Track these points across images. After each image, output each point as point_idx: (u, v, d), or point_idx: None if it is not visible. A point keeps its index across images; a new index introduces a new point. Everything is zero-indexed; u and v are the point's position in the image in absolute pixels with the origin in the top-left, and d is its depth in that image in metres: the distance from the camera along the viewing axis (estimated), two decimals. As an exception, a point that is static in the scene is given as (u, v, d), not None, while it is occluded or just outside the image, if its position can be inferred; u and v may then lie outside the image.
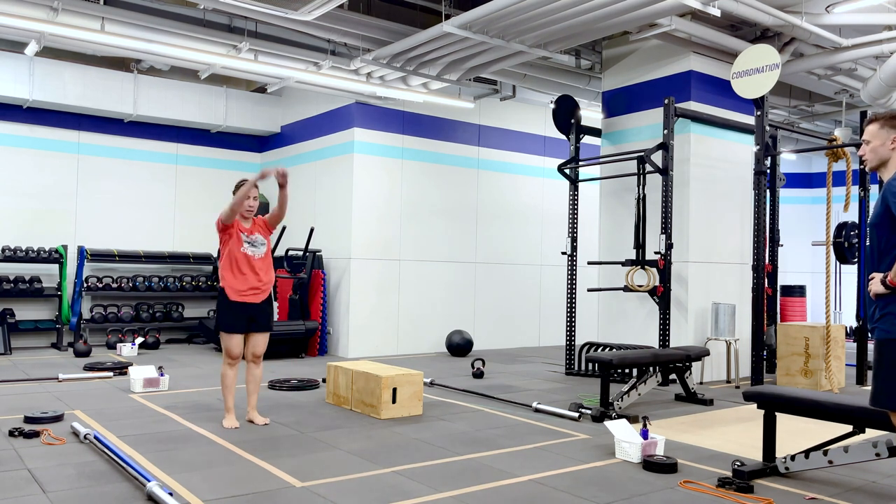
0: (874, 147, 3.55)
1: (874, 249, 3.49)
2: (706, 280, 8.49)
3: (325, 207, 10.72)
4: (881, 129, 3.53)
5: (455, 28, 7.42)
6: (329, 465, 4.53)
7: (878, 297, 3.36)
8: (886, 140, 3.52)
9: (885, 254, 3.41)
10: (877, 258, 3.46)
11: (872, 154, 3.57)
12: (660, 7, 6.68)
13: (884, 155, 3.54)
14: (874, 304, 3.39)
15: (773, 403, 4.43)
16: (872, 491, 4.23)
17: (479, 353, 10.35)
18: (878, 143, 3.54)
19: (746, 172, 8.63)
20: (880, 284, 3.33)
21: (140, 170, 11.37)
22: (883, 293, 3.33)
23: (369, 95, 10.04)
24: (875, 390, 3.38)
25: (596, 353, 8.01)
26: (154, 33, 8.06)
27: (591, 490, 4.13)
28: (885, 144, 3.52)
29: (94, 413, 5.88)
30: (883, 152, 3.54)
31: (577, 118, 9.21)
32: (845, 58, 8.35)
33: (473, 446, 5.09)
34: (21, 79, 9.88)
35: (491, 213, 11.64)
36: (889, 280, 3.30)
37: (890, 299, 3.32)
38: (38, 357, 9.25)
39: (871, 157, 3.58)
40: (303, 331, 9.68)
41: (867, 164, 3.62)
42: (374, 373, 6.10)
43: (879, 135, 3.53)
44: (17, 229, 10.33)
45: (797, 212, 15.01)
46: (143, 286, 10.88)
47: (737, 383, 8.19)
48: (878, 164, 3.57)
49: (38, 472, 4.22)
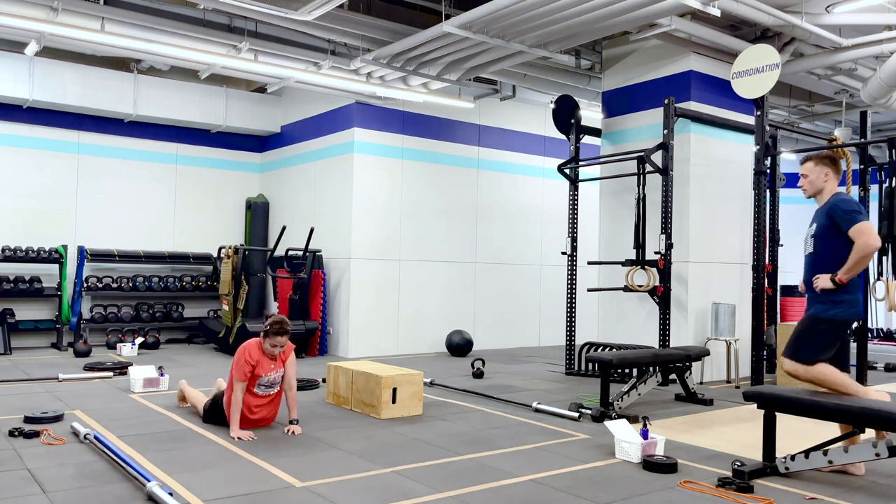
0: (811, 180, 4.62)
1: (817, 256, 4.51)
2: (706, 280, 8.49)
3: (325, 207, 10.71)
4: (816, 167, 4.61)
5: (455, 28, 7.42)
6: (329, 465, 4.53)
7: (823, 291, 4.41)
8: (820, 174, 4.60)
9: (831, 260, 4.40)
10: (820, 263, 4.48)
11: (810, 185, 4.64)
12: (660, 7, 6.68)
13: (818, 186, 4.62)
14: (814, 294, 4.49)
15: (773, 403, 4.43)
16: (872, 491, 4.23)
17: (479, 353, 10.35)
18: (814, 176, 4.62)
19: (746, 172, 8.63)
20: (829, 282, 4.36)
21: (140, 170, 11.37)
22: (830, 288, 4.37)
23: (369, 95, 10.04)
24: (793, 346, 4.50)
25: (596, 353, 8.01)
26: (154, 33, 8.06)
27: (591, 490, 4.13)
28: (820, 178, 4.61)
29: (94, 413, 5.88)
30: (818, 184, 4.62)
31: (577, 118, 9.20)
32: (845, 58, 8.35)
33: (473, 446, 5.09)
34: (21, 79, 9.88)
35: (491, 213, 11.64)
36: (838, 279, 4.33)
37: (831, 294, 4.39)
38: (38, 357, 9.24)
39: (809, 188, 4.65)
40: (303, 331, 9.68)
41: (805, 193, 4.68)
42: (373, 373, 6.10)
43: (815, 170, 4.62)
44: (17, 229, 10.32)
45: (797, 212, 14.98)
46: (143, 286, 10.88)
47: (737, 383, 8.19)
48: (815, 193, 4.65)
49: (38, 472, 4.22)
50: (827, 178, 4.60)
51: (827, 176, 4.60)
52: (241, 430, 5.16)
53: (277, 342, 5.33)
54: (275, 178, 12.09)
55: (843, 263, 4.34)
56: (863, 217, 4.39)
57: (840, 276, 4.33)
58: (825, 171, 4.60)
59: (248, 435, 5.12)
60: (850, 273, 4.33)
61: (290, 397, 5.47)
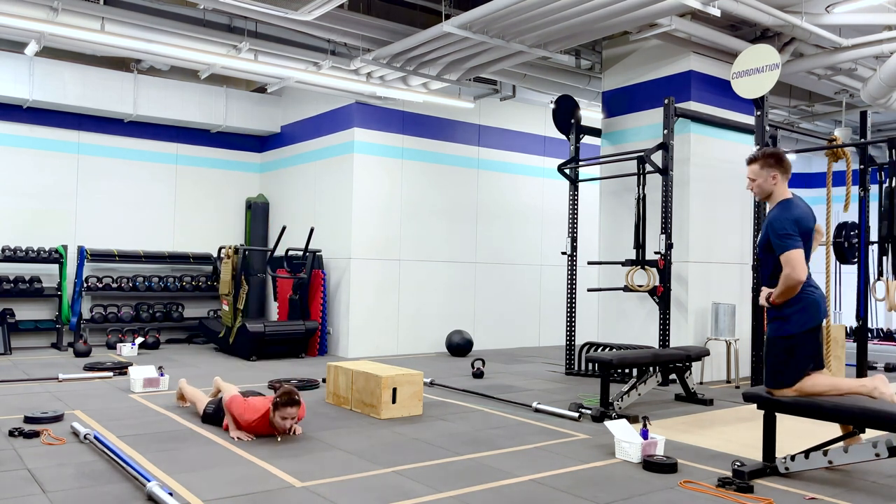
0: (759, 184, 4.33)
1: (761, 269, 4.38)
2: (706, 280, 8.49)
3: (325, 207, 10.71)
4: (762, 169, 4.30)
5: (455, 28, 7.42)
6: (329, 465, 4.53)
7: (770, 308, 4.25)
8: (767, 177, 4.29)
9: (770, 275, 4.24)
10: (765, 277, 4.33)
11: (758, 189, 4.35)
12: (660, 7, 6.68)
13: (767, 189, 4.32)
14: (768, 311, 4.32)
15: (773, 404, 4.43)
16: (872, 491, 4.23)
17: (479, 353, 10.35)
18: (760, 180, 4.33)
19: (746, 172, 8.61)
20: (765, 300, 4.24)
21: (140, 170, 11.37)
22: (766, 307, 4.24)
23: (369, 95, 10.04)
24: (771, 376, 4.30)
25: (596, 353, 8.01)
26: (154, 33, 8.06)
27: (591, 490, 4.13)
28: (767, 180, 4.30)
29: (94, 413, 5.88)
30: (766, 187, 4.32)
31: (577, 118, 9.20)
32: (845, 58, 8.35)
33: (473, 446, 5.09)
34: (21, 79, 9.88)
35: (491, 213, 11.64)
36: (772, 300, 4.19)
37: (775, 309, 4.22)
38: (38, 357, 9.24)
39: (757, 191, 4.37)
40: (303, 331, 9.68)
41: (756, 197, 4.45)
42: (373, 373, 6.10)
43: (761, 173, 4.31)
44: (17, 229, 10.32)
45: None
46: (143, 286, 10.88)
47: (737, 383, 8.19)
48: (764, 198, 4.38)
49: (38, 472, 4.22)
50: (775, 180, 4.30)
51: (775, 178, 4.30)
52: (240, 431, 5.16)
53: (288, 414, 4.94)
54: (275, 178, 12.09)
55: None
56: (794, 243, 4.08)
57: (773, 298, 4.19)
58: (772, 172, 4.30)
59: (248, 435, 5.12)
60: (780, 299, 4.17)
61: None
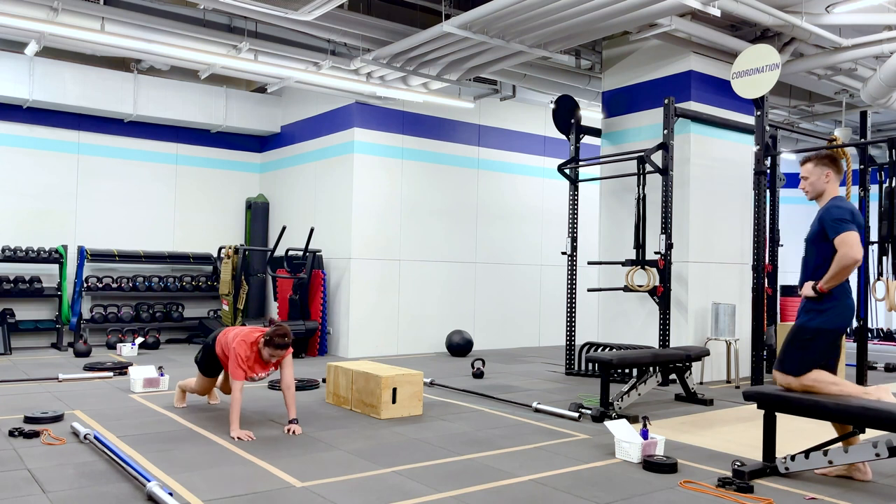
0: (812, 182, 4.47)
1: (807, 262, 4.42)
2: (706, 280, 8.49)
3: (325, 207, 10.71)
4: (816, 167, 4.46)
5: (455, 28, 7.42)
6: (329, 465, 4.53)
7: (808, 299, 4.34)
8: (821, 176, 4.45)
9: (818, 267, 4.30)
10: (808, 269, 4.40)
11: (811, 188, 4.49)
12: (660, 7, 6.68)
13: (819, 188, 4.46)
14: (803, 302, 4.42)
15: (773, 403, 4.43)
16: (872, 491, 4.23)
17: (479, 353, 10.35)
18: (814, 178, 4.47)
19: (746, 172, 8.62)
20: (811, 290, 4.30)
21: (140, 170, 11.37)
22: (812, 297, 4.30)
23: (369, 95, 10.04)
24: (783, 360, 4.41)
25: (596, 353, 8.00)
26: (154, 33, 8.06)
27: (591, 490, 4.13)
28: (820, 179, 4.45)
29: (94, 413, 5.88)
30: (819, 185, 4.46)
31: (577, 118, 9.20)
32: (845, 58, 8.35)
33: (473, 446, 5.09)
34: (21, 79, 9.88)
35: (491, 213, 11.64)
36: (819, 288, 4.25)
37: (816, 302, 4.30)
38: (38, 357, 9.24)
39: (810, 189, 4.50)
40: (303, 331, 9.68)
41: (807, 195, 4.53)
42: (374, 373, 6.10)
43: (815, 171, 4.46)
44: (17, 229, 10.33)
45: (797, 212, 14.99)
46: (143, 286, 10.88)
47: (737, 383, 8.19)
48: (816, 196, 4.50)
49: (38, 472, 4.22)
50: (828, 179, 4.45)
51: (828, 177, 4.44)
52: (240, 430, 5.16)
53: (277, 354, 5.34)
54: (275, 178, 12.09)
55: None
56: (849, 226, 4.22)
57: (821, 285, 4.23)
58: (825, 171, 4.45)
59: (248, 435, 5.12)
60: (831, 283, 4.21)
61: (288, 397, 5.47)
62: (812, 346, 4.31)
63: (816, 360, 4.31)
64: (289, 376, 5.49)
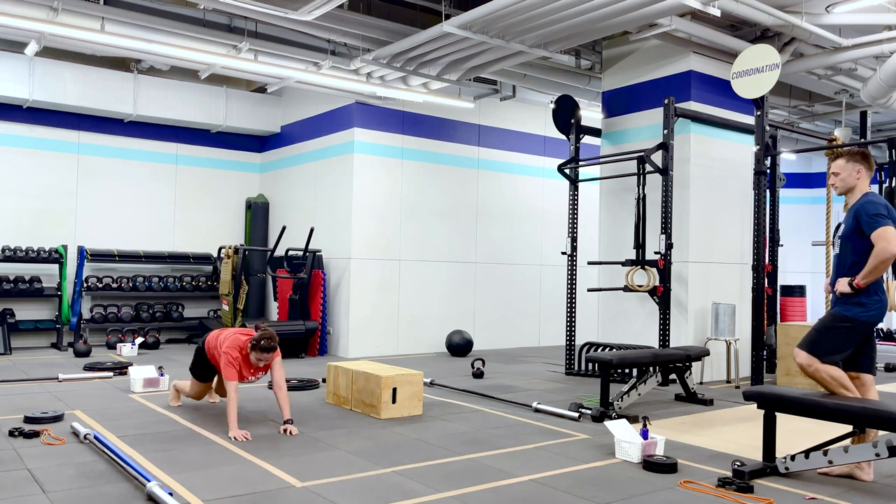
0: (843, 178, 4.52)
1: (843, 258, 4.44)
2: (706, 280, 8.49)
3: (325, 207, 10.71)
4: (847, 163, 4.51)
5: (455, 28, 7.42)
6: (329, 465, 4.53)
7: (843, 295, 4.37)
8: (852, 172, 4.49)
9: (855, 262, 4.35)
10: (847, 265, 4.41)
11: (842, 183, 4.54)
12: (660, 7, 6.68)
13: (850, 183, 4.52)
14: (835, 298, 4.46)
15: (773, 403, 4.43)
16: (872, 491, 4.23)
17: (479, 353, 10.35)
18: (845, 174, 4.51)
19: (746, 172, 8.62)
20: (847, 286, 4.32)
21: (140, 170, 11.37)
22: (848, 293, 4.32)
23: (369, 95, 10.04)
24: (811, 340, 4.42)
25: (596, 353, 8.00)
26: (154, 33, 8.06)
27: (591, 490, 4.13)
28: (851, 175, 4.49)
29: (94, 413, 5.88)
30: (850, 181, 4.51)
31: (577, 118, 9.20)
32: (845, 58, 8.35)
33: (473, 446, 5.09)
34: (21, 79, 9.88)
35: (491, 213, 11.64)
36: (856, 283, 4.28)
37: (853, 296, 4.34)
38: (38, 357, 9.24)
39: (840, 185, 4.55)
40: (303, 331, 9.68)
41: (836, 190, 4.59)
42: (373, 373, 6.10)
43: (846, 168, 4.50)
44: (17, 229, 10.32)
45: (797, 212, 15.00)
46: (143, 286, 10.88)
47: (737, 383, 8.19)
48: (846, 191, 4.55)
49: (38, 472, 4.22)
50: (859, 175, 4.48)
51: (859, 173, 4.48)
52: (238, 431, 5.16)
53: (264, 358, 5.39)
54: (275, 178, 12.09)
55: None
56: (886, 221, 4.23)
57: (858, 280, 4.26)
58: (857, 167, 4.48)
59: (244, 435, 5.13)
60: (868, 278, 4.24)
61: (280, 398, 5.47)
62: (844, 334, 4.36)
63: (843, 350, 4.37)
64: (280, 377, 5.50)
